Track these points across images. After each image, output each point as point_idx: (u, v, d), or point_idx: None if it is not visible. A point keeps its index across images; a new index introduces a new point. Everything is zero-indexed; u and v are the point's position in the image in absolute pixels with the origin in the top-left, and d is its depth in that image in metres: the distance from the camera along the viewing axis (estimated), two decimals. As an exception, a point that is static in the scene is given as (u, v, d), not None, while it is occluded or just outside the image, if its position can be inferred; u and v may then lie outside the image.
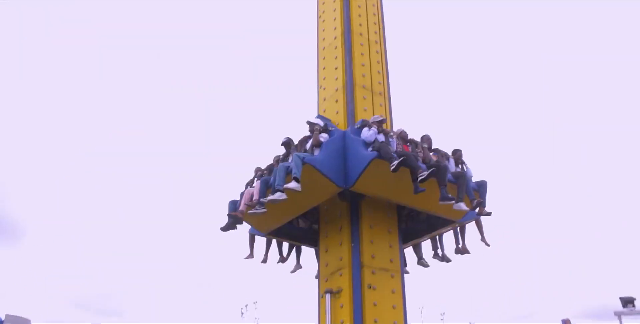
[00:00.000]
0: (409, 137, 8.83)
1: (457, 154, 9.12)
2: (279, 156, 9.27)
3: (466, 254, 9.71)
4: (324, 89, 10.55)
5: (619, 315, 33.79)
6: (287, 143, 9.04)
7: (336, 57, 10.52)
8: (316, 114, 9.85)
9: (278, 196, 7.89)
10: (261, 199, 8.12)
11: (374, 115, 9.63)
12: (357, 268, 8.32)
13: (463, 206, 7.96)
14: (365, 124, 8.53)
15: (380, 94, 10.24)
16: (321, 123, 8.90)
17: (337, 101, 9.98)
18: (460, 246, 9.68)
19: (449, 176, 8.27)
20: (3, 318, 36.14)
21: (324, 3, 11.71)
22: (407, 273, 10.06)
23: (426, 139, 8.94)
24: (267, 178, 8.59)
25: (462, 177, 8.38)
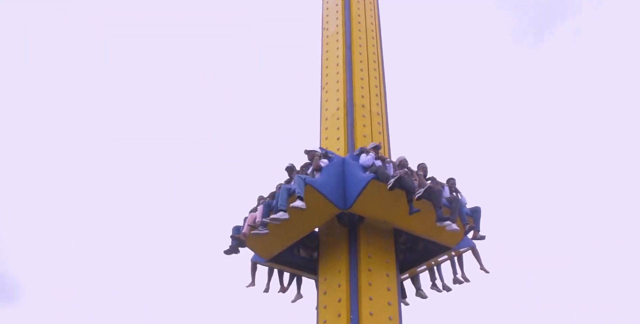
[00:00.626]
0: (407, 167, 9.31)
1: (450, 182, 9.59)
2: (282, 183, 9.73)
3: (465, 283, 9.92)
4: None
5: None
6: (291, 168, 9.53)
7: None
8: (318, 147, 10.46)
9: (280, 215, 8.31)
10: (264, 219, 8.50)
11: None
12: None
13: (455, 226, 8.32)
14: (363, 150, 9.11)
15: (378, 114, 10.98)
16: (319, 150, 9.46)
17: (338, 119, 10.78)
18: (458, 275, 9.90)
19: (443, 200, 8.72)
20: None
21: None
22: (407, 304, 10.23)
23: (422, 167, 9.45)
24: (269, 202, 9.00)
25: (455, 201, 8.84)
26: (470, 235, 9.13)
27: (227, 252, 9.17)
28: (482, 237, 9.03)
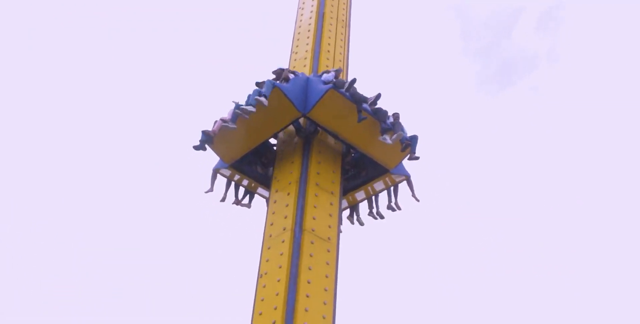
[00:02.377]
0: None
1: (395, 115, 11.26)
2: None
3: (397, 211, 11.35)
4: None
5: None
6: (261, 83, 11.09)
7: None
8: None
9: (249, 108, 9.81)
10: (235, 110, 9.96)
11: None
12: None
13: (388, 139, 9.94)
14: (325, 71, 10.86)
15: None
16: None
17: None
18: (392, 203, 11.35)
19: (388, 123, 10.38)
20: None
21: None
22: (341, 232, 11.53)
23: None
24: (239, 104, 10.46)
25: (397, 125, 10.47)
26: (407, 158, 10.69)
27: (196, 147, 10.45)
28: (417, 158, 10.59)
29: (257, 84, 11.14)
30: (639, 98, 32.57)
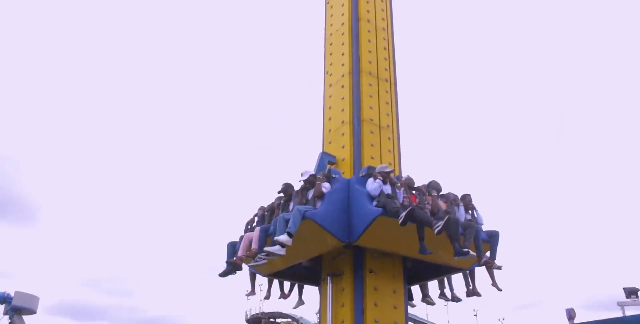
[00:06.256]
0: (416, 185, 8.36)
1: (466, 199, 8.69)
2: (281, 198, 8.84)
3: (476, 297, 9.39)
4: (330, 74, 10.57)
5: (622, 306, 33.69)
6: (286, 190, 8.61)
7: (343, 43, 10.52)
8: (320, 152, 9.36)
9: (277, 249, 7.55)
10: (260, 255, 7.77)
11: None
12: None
13: (472, 252, 7.53)
14: (370, 173, 8.07)
15: (386, 80, 10.31)
16: (312, 172, 8.41)
17: (342, 87, 10.01)
18: (470, 288, 9.34)
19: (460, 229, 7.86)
20: (12, 295, 36.71)
21: None
22: (414, 306, 9.83)
23: (434, 185, 8.47)
24: (266, 227, 8.22)
25: (471, 228, 7.99)
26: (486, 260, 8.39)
27: (222, 275, 8.52)
28: (499, 268, 8.32)
29: (282, 191, 8.64)
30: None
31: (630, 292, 33.55)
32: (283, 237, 7.43)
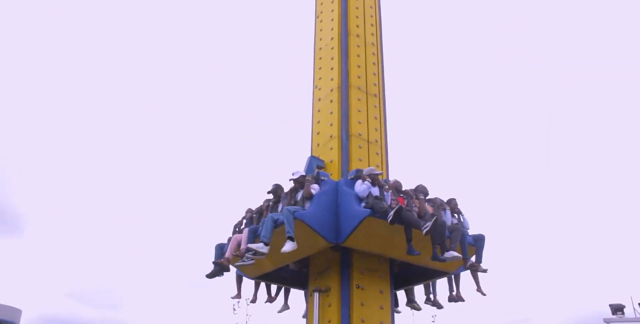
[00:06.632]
0: (403, 189, 8.47)
1: (452, 203, 8.80)
2: (270, 200, 8.92)
3: (460, 302, 9.44)
4: (319, 89, 10.54)
5: (608, 322, 33.82)
6: (275, 191, 8.69)
7: (332, 58, 10.51)
8: (309, 156, 9.45)
9: (262, 247, 7.59)
10: (247, 254, 7.79)
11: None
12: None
13: (455, 253, 7.59)
14: (359, 175, 8.18)
15: (375, 95, 10.35)
16: (302, 173, 8.50)
17: (331, 101, 9.99)
18: (454, 293, 9.40)
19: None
20: (-6, 308, 36.06)
21: (322, 3, 11.59)
22: (399, 312, 9.83)
23: (421, 189, 8.58)
24: (255, 227, 8.26)
25: (457, 231, 8.08)
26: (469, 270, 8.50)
27: (209, 276, 8.53)
28: (484, 271, 8.40)
29: (272, 192, 8.72)
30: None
31: (616, 308, 33.67)
32: (287, 247, 7.39)
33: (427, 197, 8.60)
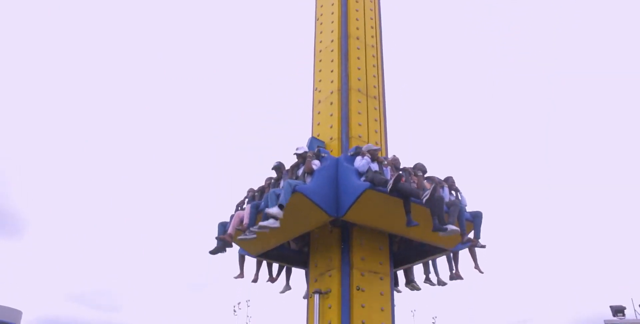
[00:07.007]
0: (402, 167, 8.66)
1: (449, 181, 8.99)
2: (272, 178, 9.12)
3: (459, 280, 9.60)
4: (319, 91, 10.59)
5: (608, 324, 33.77)
6: (278, 167, 8.91)
7: (332, 60, 10.57)
8: (310, 137, 9.65)
9: (270, 223, 7.75)
10: (251, 228, 7.97)
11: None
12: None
13: (453, 226, 7.74)
14: (358, 152, 8.39)
15: (375, 97, 10.37)
16: (306, 149, 8.71)
17: (331, 104, 10.04)
18: (454, 271, 9.56)
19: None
20: (-6, 309, 36.08)
21: (322, 6, 11.68)
22: (399, 292, 9.97)
23: (419, 166, 8.78)
24: (257, 203, 8.44)
25: (454, 206, 8.24)
26: (467, 244, 8.66)
27: (212, 252, 8.69)
28: (482, 246, 8.57)
29: (275, 168, 8.92)
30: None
31: (616, 310, 33.67)
32: (274, 210, 7.65)
33: (425, 175, 8.79)
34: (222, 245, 8.67)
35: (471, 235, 8.72)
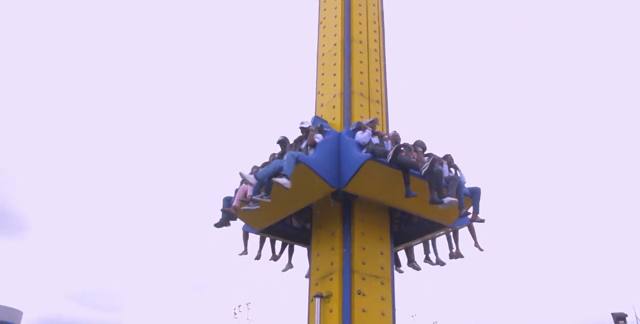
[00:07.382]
0: (403, 142, 8.89)
1: (448, 158, 9.22)
2: (275, 154, 9.36)
3: (460, 259, 9.77)
4: (322, 94, 10.64)
5: (610, 331, 33.53)
6: (283, 141, 9.15)
7: (335, 64, 10.63)
8: (313, 116, 9.92)
9: (285, 183, 7.85)
10: (254, 197, 8.19)
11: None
12: (347, 273, 8.33)
13: (451, 198, 7.92)
14: (359, 126, 8.66)
15: (377, 101, 10.39)
16: (310, 124, 8.98)
17: (334, 107, 10.11)
18: (454, 250, 9.74)
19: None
20: (-5, 309, 36.21)
21: (325, 9, 11.83)
22: (401, 272, 10.12)
23: (419, 143, 9.02)
24: (259, 174, 8.65)
25: (453, 180, 8.46)
26: (469, 217, 8.83)
27: (217, 225, 8.92)
28: (481, 221, 8.74)
29: (279, 143, 9.17)
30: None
31: (618, 317, 33.50)
32: (282, 180, 7.85)
33: (425, 152, 9.03)
34: (226, 218, 8.90)
35: (470, 210, 8.94)
